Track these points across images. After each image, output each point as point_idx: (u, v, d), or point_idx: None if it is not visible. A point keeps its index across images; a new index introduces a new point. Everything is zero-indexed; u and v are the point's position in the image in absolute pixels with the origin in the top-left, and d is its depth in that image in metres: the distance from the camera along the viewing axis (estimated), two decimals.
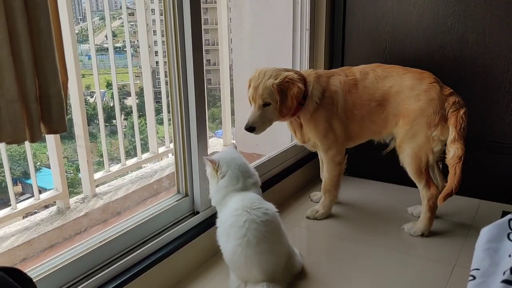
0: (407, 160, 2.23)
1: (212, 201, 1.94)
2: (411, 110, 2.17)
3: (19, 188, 2.49)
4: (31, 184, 2.48)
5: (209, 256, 2.10)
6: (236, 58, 3.18)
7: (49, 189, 2.57)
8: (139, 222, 1.91)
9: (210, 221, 2.04)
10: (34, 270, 1.57)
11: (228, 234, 1.78)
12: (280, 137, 2.98)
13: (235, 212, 1.78)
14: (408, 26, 2.66)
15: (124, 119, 4.88)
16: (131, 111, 3.08)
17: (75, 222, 2.45)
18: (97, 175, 2.78)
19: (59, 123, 1.16)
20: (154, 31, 4.51)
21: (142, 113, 3.39)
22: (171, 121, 2.06)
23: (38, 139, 1.14)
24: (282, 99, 2.18)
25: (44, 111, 1.14)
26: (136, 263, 1.83)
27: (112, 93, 2.94)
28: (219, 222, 1.86)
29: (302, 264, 2.01)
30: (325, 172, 2.44)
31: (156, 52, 3.26)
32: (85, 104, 2.66)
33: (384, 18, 2.71)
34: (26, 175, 2.72)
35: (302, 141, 2.42)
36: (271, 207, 1.86)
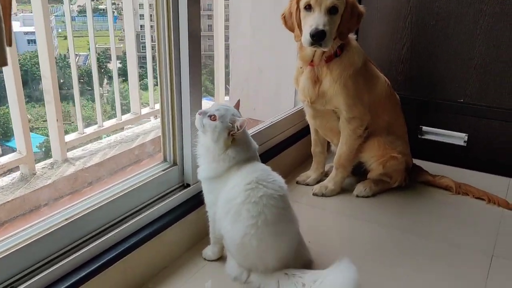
0: None
1: (206, 173, 1.55)
2: None
3: (9, 154, 2.23)
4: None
5: (201, 236, 1.76)
6: (233, 20, 2.84)
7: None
8: (117, 195, 1.55)
9: (202, 197, 1.68)
10: None
11: (238, 213, 1.43)
12: (282, 101, 2.63)
13: (247, 186, 1.44)
14: None
15: (107, 83, 4.63)
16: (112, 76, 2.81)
17: (42, 191, 2.07)
18: (69, 137, 2.40)
19: None
20: None
21: (125, 78, 3.09)
22: (158, 74, 1.68)
23: None
24: (349, 15, 1.88)
25: None
26: (113, 245, 1.48)
27: (97, 56, 2.64)
28: (223, 199, 1.49)
29: (309, 250, 1.67)
30: (342, 145, 2.11)
31: (142, 15, 3.09)
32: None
33: None
34: (7, 137, 2.42)
35: (312, 101, 2.05)
36: (281, 179, 1.54)
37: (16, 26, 5.45)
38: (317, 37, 1.79)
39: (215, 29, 3.03)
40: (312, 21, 1.82)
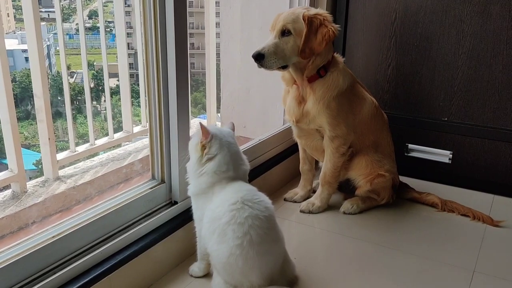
0: None
1: (192, 189, 1.60)
2: None
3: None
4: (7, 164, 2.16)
5: (188, 254, 1.79)
6: (224, 40, 2.88)
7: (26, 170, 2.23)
8: (105, 212, 1.58)
9: (190, 213, 1.70)
10: None
11: (223, 234, 1.45)
12: (271, 119, 2.67)
13: (233, 206, 1.45)
14: None
15: (105, 101, 4.68)
16: (111, 93, 2.86)
17: (31, 209, 2.09)
18: (61, 156, 2.42)
19: None
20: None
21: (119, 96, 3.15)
22: (147, 93, 1.72)
23: None
24: (309, 34, 1.89)
25: None
26: (99, 263, 1.50)
27: (92, 74, 2.69)
28: (208, 218, 1.52)
29: (295, 266, 1.70)
30: (327, 162, 2.15)
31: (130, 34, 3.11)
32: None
33: None
34: (2, 155, 2.45)
35: (297, 120, 2.11)
36: (267, 199, 1.56)
37: (13, 44, 5.51)
38: (255, 59, 1.89)
39: (206, 48, 3.07)
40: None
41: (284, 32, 1.93)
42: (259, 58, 1.90)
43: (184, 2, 1.66)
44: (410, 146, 2.58)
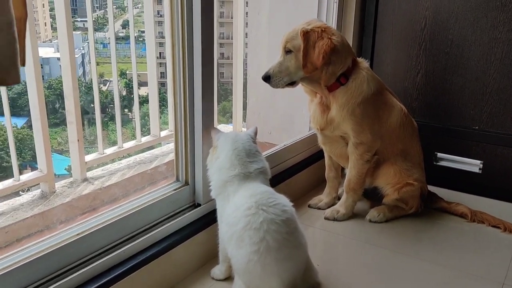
0: None
1: (212, 190, 1.62)
2: None
3: (28, 172, 2.35)
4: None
5: (210, 257, 1.78)
6: (251, 46, 2.91)
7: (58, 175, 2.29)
8: (129, 212, 1.59)
9: (213, 216, 1.70)
10: None
11: (241, 239, 1.43)
12: (297, 126, 2.66)
13: (247, 211, 1.43)
14: (454, 1, 2.34)
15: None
16: (141, 102, 2.91)
17: (59, 209, 2.13)
18: (89, 157, 2.47)
19: (7, 71, 0.84)
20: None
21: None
22: (173, 98, 1.74)
23: None
24: (307, 49, 1.90)
25: None
26: (121, 262, 1.51)
27: (125, 82, 2.74)
28: (226, 223, 1.52)
29: (318, 273, 1.67)
30: (352, 169, 2.12)
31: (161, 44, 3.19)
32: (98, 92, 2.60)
33: None
34: (35, 160, 2.52)
35: (321, 128, 2.09)
36: (286, 201, 1.53)
37: (50, 52, 5.68)
38: (264, 80, 1.99)
39: (234, 57, 3.10)
40: None
41: (287, 51, 1.97)
42: (267, 79, 1.98)
43: (211, 12, 1.68)
44: (439, 155, 2.52)
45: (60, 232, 1.44)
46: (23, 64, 0.91)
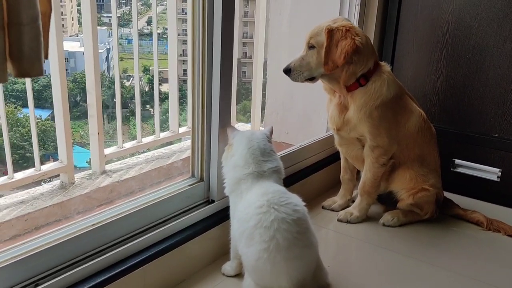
0: None
1: (225, 187, 1.65)
2: None
3: (50, 163, 2.44)
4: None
5: (221, 253, 1.80)
6: (271, 45, 2.93)
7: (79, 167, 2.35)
8: (144, 205, 1.63)
9: (226, 213, 1.73)
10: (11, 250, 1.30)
11: (251, 237, 1.44)
12: (314, 126, 2.67)
13: (259, 209, 1.45)
14: (478, 6, 2.31)
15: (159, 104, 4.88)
16: (162, 98, 2.93)
17: (77, 200, 2.18)
18: (108, 150, 2.51)
19: (31, 63, 0.87)
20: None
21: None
22: (191, 94, 1.77)
23: (2, 81, 0.86)
24: (330, 46, 1.92)
25: (13, 44, 0.86)
26: (135, 253, 1.54)
27: (148, 78, 2.80)
28: (237, 219, 1.54)
29: (328, 274, 1.68)
30: (367, 172, 2.12)
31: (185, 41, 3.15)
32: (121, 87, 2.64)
33: None
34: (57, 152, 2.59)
35: (338, 128, 2.10)
36: (298, 201, 1.54)
37: (76, 46, 5.79)
38: (285, 72, 2.02)
39: (254, 56, 3.12)
40: None
41: (310, 46, 1.98)
42: (288, 72, 2.00)
43: (232, 10, 1.70)
44: (457, 161, 2.50)
45: (77, 222, 1.47)
46: (46, 57, 0.95)
